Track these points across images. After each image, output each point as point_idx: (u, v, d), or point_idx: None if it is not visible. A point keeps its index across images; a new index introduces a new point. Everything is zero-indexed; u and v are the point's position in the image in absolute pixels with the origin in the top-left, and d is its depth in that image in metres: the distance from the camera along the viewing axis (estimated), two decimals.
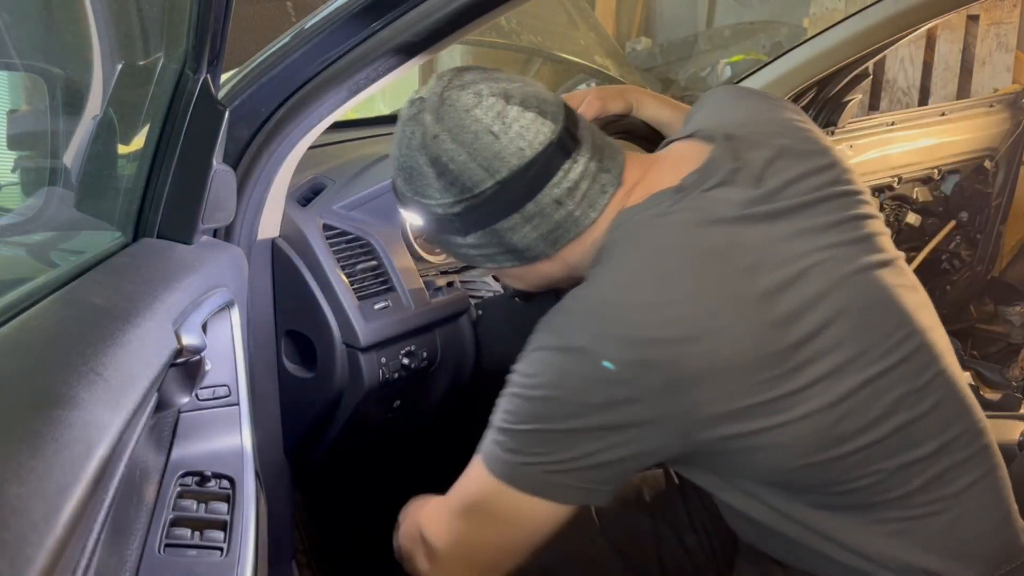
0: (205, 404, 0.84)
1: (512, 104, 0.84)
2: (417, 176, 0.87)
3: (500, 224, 0.86)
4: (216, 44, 0.82)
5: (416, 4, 0.94)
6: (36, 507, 0.40)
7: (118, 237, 0.86)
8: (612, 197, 0.87)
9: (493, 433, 0.86)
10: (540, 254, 0.89)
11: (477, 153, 0.83)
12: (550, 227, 0.87)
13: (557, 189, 0.85)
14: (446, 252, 0.97)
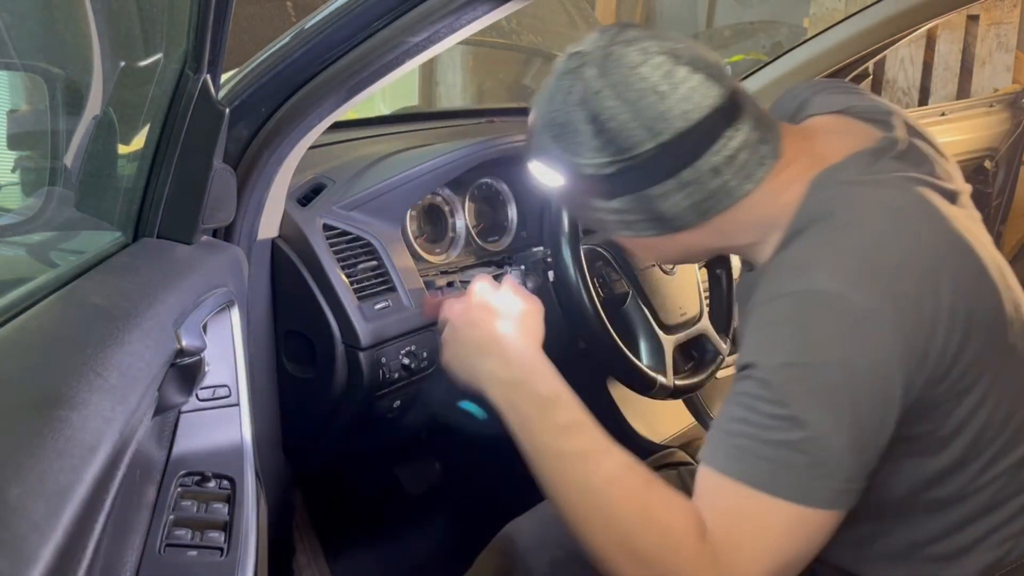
0: (205, 404, 0.84)
1: (680, 64, 0.80)
2: (569, 133, 0.83)
3: (652, 190, 0.82)
4: (216, 44, 0.82)
5: (416, 4, 0.94)
6: (37, 507, 0.40)
7: (118, 237, 0.86)
8: (769, 170, 0.83)
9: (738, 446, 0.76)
10: (686, 224, 0.85)
11: (641, 112, 0.79)
12: (703, 196, 0.82)
13: (716, 157, 0.81)
14: (577, 215, 0.92)
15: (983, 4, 3.06)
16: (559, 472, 0.82)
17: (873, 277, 0.76)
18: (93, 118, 0.95)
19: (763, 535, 0.75)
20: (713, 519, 0.76)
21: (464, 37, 0.99)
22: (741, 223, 0.86)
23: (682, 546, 0.75)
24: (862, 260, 0.77)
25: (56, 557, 0.39)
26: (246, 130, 1.05)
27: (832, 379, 0.74)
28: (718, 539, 0.75)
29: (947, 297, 0.77)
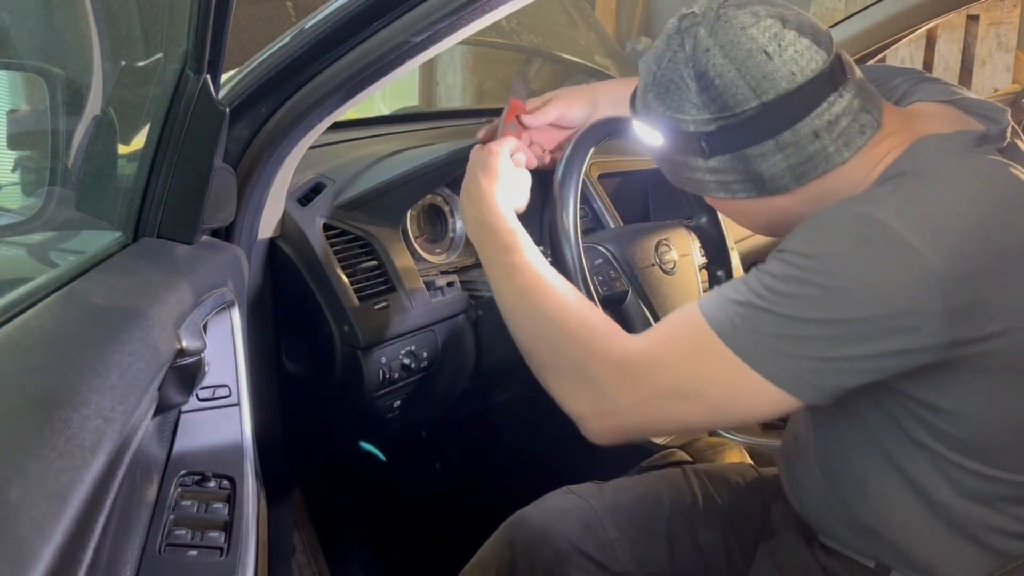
0: (205, 404, 0.84)
1: (789, 28, 0.82)
2: (676, 90, 0.86)
3: (752, 149, 0.84)
4: (216, 44, 0.82)
5: (416, 4, 0.94)
6: (37, 508, 0.40)
7: (118, 237, 0.86)
8: (869, 140, 0.84)
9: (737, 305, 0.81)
10: (782, 187, 0.86)
11: (747, 71, 0.82)
12: (801, 159, 0.84)
13: (818, 120, 0.82)
14: (675, 176, 0.94)
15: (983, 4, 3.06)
16: (509, 301, 0.97)
17: (937, 232, 0.76)
18: (93, 118, 0.95)
19: (694, 370, 0.82)
20: (659, 335, 0.87)
21: (464, 37, 0.99)
22: (835, 190, 0.86)
23: (603, 349, 0.88)
24: (933, 214, 0.77)
25: (56, 557, 0.39)
26: (246, 130, 1.05)
27: (842, 290, 0.76)
28: (649, 350, 0.86)
29: (1013, 285, 0.77)
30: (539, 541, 1.07)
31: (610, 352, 0.88)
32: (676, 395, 0.84)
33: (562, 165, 1.17)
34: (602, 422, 0.89)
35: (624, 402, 0.87)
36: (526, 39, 2.88)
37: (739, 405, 0.82)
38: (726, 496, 1.13)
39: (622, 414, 0.88)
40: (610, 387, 0.87)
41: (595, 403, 0.89)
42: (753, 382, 0.79)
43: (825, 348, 0.77)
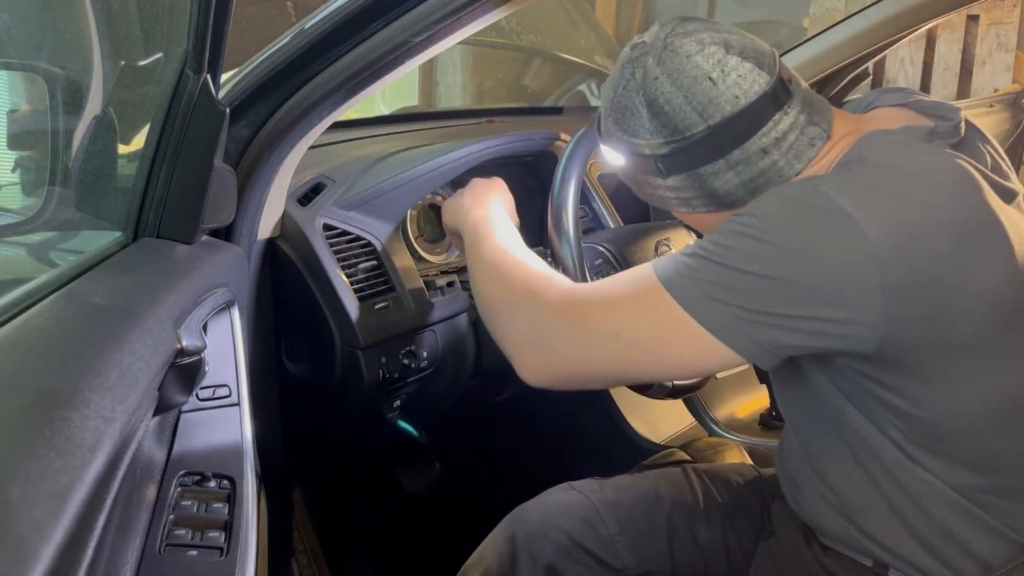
0: (205, 404, 0.84)
1: (732, 54, 0.87)
2: (629, 116, 0.91)
3: (704, 168, 0.89)
4: (216, 44, 0.82)
5: (416, 4, 0.94)
6: (37, 507, 0.41)
7: (118, 237, 0.86)
8: (819, 151, 0.88)
9: (683, 257, 0.85)
10: (738, 201, 0.90)
11: (693, 97, 0.86)
12: (753, 175, 0.88)
13: (765, 139, 0.87)
14: (641, 193, 0.99)
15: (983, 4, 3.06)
16: (474, 266, 1.05)
17: (874, 206, 0.79)
18: (93, 118, 0.95)
19: (631, 311, 0.86)
20: (605, 281, 0.91)
21: (464, 37, 0.99)
22: None
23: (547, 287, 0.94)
24: (872, 191, 0.80)
25: (57, 557, 0.39)
26: (246, 130, 1.05)
27: (779, 247, 0.79)
28: (591, 288, 0.91)
29: (948, 265, 0.79)
30: (539, 536, 1.08)
31: (553, 288, 0.94)
32: (610, 334, 0.86)
33: (562, 166, 1.17)
34: (536, 356, 0.92)
35: (559, 336, 0.90)
36: (526, 39, 2.88)
37: (674, 351, 0.84)
38: (726, 495, 1.13)
39: (556, 349, 0.90)
40: (548, 319, 0.91)
41: (532, 334, 0.92)
42: (688, 327, 0.82)
43: (759, 301, 0.79)
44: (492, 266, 1.02)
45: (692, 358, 0.84)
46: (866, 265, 0.77)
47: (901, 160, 0.83)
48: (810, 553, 0.97)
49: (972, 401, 0.83)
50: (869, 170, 0.82)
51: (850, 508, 0.92)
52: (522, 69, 2.94)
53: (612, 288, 0.90)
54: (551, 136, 1.42)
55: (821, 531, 0.97)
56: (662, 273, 0.84)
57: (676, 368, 0.89)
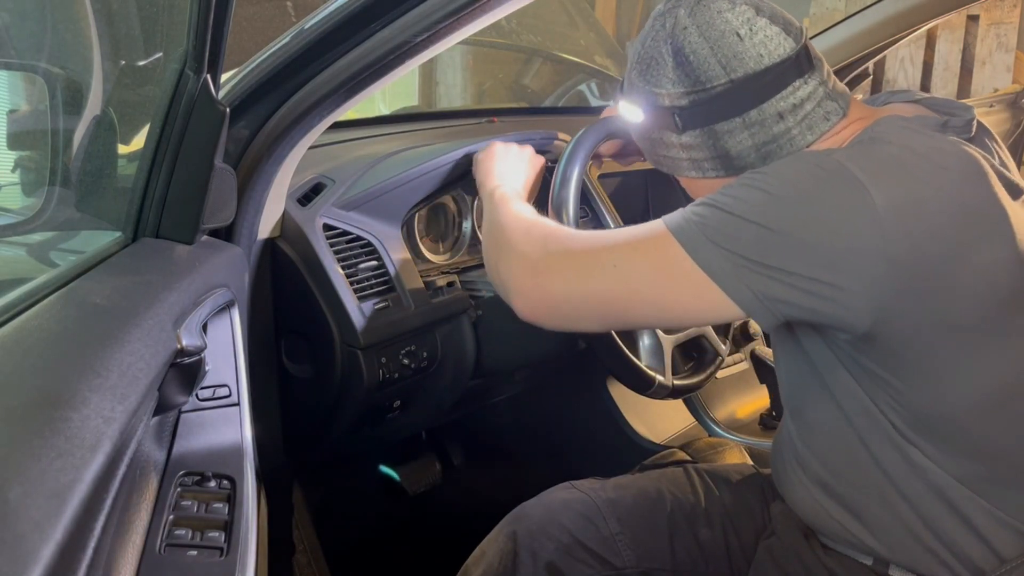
0: (205, 404, 0.84)
1: (761, 16, 0.89)
2: (654, 66, 0.93)
3: (720, 125, 0.90)
4: (216, 44, 0.82)
5: (416, 4, 0.94)
6: (37, 507, 0.41)
7: (118, 237, 0.86)
8: (833, 126, 0.90)
9: (692, 207, 0.86)
10: (748, 165, 0.91)
11: (719, 50, 0.89)
12: (766, 139, 0.90)
13: (783, 103, 0.89)
14: (653, 154, 1.00)
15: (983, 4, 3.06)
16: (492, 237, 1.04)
17: (884, 176, 0.79)
18: (93, 118, 0.95)
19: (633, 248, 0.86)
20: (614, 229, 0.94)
21: (464, 37, 0.99)
22: None
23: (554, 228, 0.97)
24: (884, 163, 0.81)
25: (56, 556, 0.39)
26: (246, 130, 1.05)
27: (785, 201, 0.80)
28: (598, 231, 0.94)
29: (951, 245, 0.79)
30: (541, 534, 1.08)
31: (559, 228, 0.97)
32: (609, 264, 0.86)
33: (562, 165, 1.17)
34: (533, 282, 0.92)
35: (558, 262, 0.90)
36: (526, 39, 2.87)
37: (670, 292, 0.84)
38: (727, 495, 1.13)
39: (553, 275, 0.90)
40: (550, 250, 0.92)
41: (531, 263, 0.93)
42: (688, 269, 0.82)
43: (760, 251, 0.79)
44: (506, 209, 1.04)
45: (688, 302, 0.84)
46: (870, 233, 0.77)
47: (914, 142, 0.84)
48: (811, 553, 0.98)
49: (968, 386, 0.83)
50: (883, 147, 0.83)
51: (848, 502, 0.92)
52: (522, 69, 2.94)
53: (618, 231, 0.91)
54: (551, 136, 1.42)
55: (820, 530, 0.97)
56: (668, 219, 0.86)
57: (671, 311, 0.87)
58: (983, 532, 0.86)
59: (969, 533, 0.86)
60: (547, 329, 0.97)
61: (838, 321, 0.81)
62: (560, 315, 0.92)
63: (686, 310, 0.86)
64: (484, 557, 1.11)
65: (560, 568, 1.06)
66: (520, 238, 0.97)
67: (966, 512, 0.86)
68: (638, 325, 1.10)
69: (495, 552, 1.10)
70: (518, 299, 0.93)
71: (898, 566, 0.90)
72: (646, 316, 0.91)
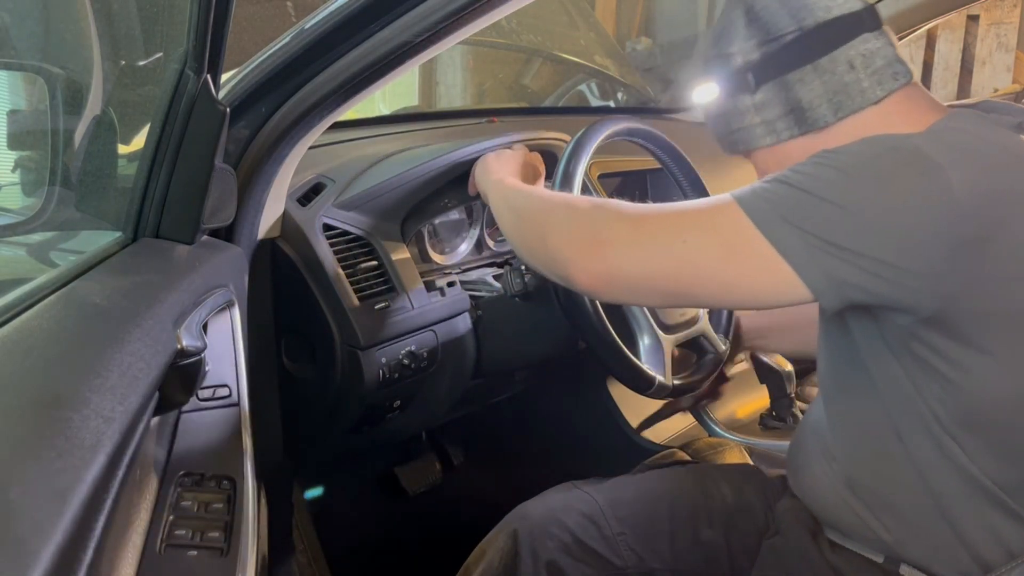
0: (205, 404, 0.84)
1: None
2: (727, 32, 0.97)
3: (792, 75, 0.92)
4: (216, 44, 0.82)
5: (416, 4, 0.94)
6: (38, 507, 0.41)
7: (118, 237, 0.86)
8: (901, 87, 0.91)
9: (762, 183, 0.85)
10: (820, 118, 0.92)
11: (788, 2, 0.92)
12: (837, 87, 0.91)
13: (853, 51, 0.90)
14: (726, 130, 1.00)
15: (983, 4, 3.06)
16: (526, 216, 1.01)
17: (962, 160, 0.79)
18: (93, 118, 0.95)
19: (701, 220, 0.85)
20: None
21: (464, 37, 0.99)
22: None
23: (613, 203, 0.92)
24: (961, 148, 0.81)
25: (57, 557, 0.39)
26: (246, 130, 1.05)
27: (859, 180, 0.80)
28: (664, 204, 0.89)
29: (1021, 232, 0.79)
30: (541, 533, 1.08)
31: (605, 200, 0.94)
32: (677, 238, 0.84)
33: (562, 165, 1.17)
34: (593, 253, 0.87)
35: (622, 233, 0.87)
36: (526, 39, 2.87)
37: (738, 267, 0.82)
38: (728, 495, 1.13)
39: (616, 246, 0.87)
40: (611, 219, 0.88)
41: (591, 232, 0.89)
42: (757, 244, 0.80)
43: (831, 231, 0.79)
44: (528, 190, 1.04)
45: (756, 281, 0.82)
46: (945, 216, 0.77)
47: (988, 132, 0.85)
48: (817, 551, 0.97)
49: (1020, 379, 0.83)
50: (960, 135, 0.83)
51: (871, 496, 0.92)
52: (522, 69, 2.94)
53: (684, 203, 0.89)
54: (551, 136, 1.42)
55: (831, 524, 0.97)
56: (738, 195, 0.84)
57: (737, 289, 0.85)
58: (1003, 533, 0.86)
59: (989, 533, 0.86)
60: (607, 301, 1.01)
61: (903, 304, 0.81)
62: (622, 289, 0.89)
63: (753, 289, 0.84)
64: (484, 556, 1.11)
65: (561, 567, 1.06)
66: (565, 207, 0.94)
67: (991, 512, 0.86)
68: (701, 303, 1.05)
69: (496, 551, 1.10)
70: (578, 271, 0.88)
71: (909, 564, 0.90)
72: (711, 294, 0.88)
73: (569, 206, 0.94)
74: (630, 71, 3.13)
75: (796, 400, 1.41)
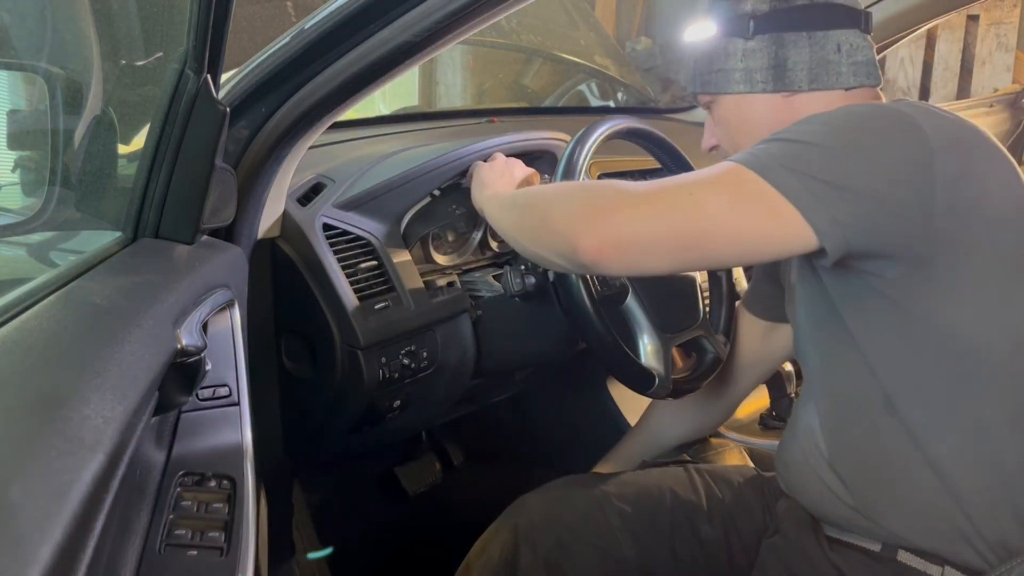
0: (205, 404, 0.84)
1: None
2: None
3: (789, 35, 1.01)
4: (216, 44, 0.82)
5: (416, 4, 0.94)
6: (37, 507, 0.41)
7: (118, 237, 0.86)
8: (865, 88, 1.02)
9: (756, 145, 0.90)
10: (795, 82, 1.01)
11: None
12: (820, 61, 1.00)
13: (844, 38, 1.00)
14: (706, 70, 1.07)
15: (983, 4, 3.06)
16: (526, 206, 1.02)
17: (932, 118, 0.87)
18: (93, 118, 0.95)
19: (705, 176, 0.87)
20: None
21: (464, 37, 0.99)
22: None
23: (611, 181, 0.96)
24: (930, 110, 0.90)
25: (56, 557, 0.39)
26: (246, 130, 1.05)
27: (847, 129, 0.87)
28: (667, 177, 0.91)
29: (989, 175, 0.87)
30: (541, 526, 1.08)
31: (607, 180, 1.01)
32: (685, 193, 0.86)
33: (562, 165, 1.17)
34: (598, 221, 0.85)
35: (628, 197, 0.87)
36: (526, 39, 2.87)
37: (746, 216, 0.84)
38: (728, 494, 1.13)
39: (622, 210, 0.85)
40: (613, 193, 0.88)
41: (596, 202, 0.88)
42: (763, 192, 0.83)
43: (828, 171, 0.83)
44: (536, 188, 1.09)
45: (766, 227, 0.84)
46: (923, 152, 0.83)
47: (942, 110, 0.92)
48: (817, 548, 0.97)
49: (1002, 325, 0.86)
50: (920, 105, 0.92)
51: (863, 482, 0.92)
52: (522, 69, 2.94)
53: (680, 175, 0.91)
54: (551, 136, 1.42)
55: (827, 518, 0.97)
56: (735, 156, 0.88)
57: (748, 239, 0.85)
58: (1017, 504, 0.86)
59: (1000, 505, 0.86)
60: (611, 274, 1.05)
61: (898, 239, 0.84)
62: (631, 253, 0.86)
63: (763, 238, 0.85)
64: (485, 551, 1.12)
65: (560, 561, 1.06)
66: (566, 190, 0.99)
67: (1000, 477, 0.86)
68: (711, 260, 1.02)
69: (496, 545, 1.11)
70: (582, 239, 0.85)
71: (907, 550, 0.90)
72: (722, 249, 0.87)
73: (568, 187, 1.00)
74: (630, 71, 3.13)
75: (796, 400, 1.41)
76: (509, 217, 1.04)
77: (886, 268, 0.85)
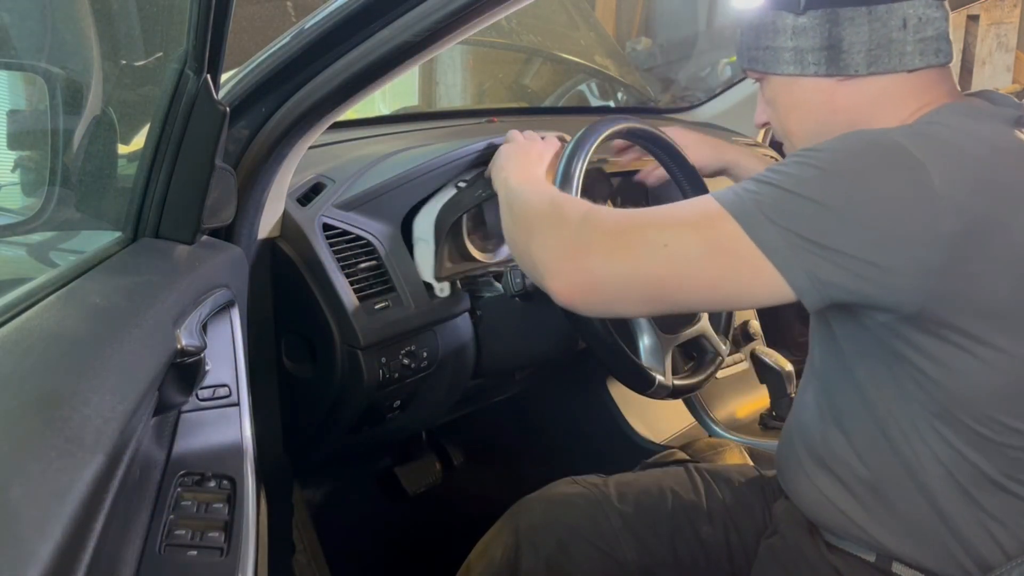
0: (205, 404, 0.84)
1: None
2: None
3: (845, 10, 0.88)
4: (216, 44, 0.82)
5: (416, 4, 0.94)
6: (37, 507, 0.41)
7: (118, 237, 0.86)
8: (936, 65, 0.90)
9: (744, 184, 0.84)
10: (851, 66, 0.90)
11: None
12: (881, 41, 0.88)
13: (912, 10, 0.87)
14: (753, 44, 0.96)
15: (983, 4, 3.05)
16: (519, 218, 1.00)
17: (943, 156, 0.78)
18: (93, 118, 0.95)
19: (682, 220, 0.84)
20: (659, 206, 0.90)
21: (464, 37, 0.99)
22: (882, 110, 0.90)
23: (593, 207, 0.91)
24: (943, 145, 0.80)
25: (56, 557, 0.39)
26: (246, 130, 1.05)
27: (840, 178, 0.79)
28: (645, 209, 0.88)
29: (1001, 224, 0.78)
30: (543, 527, 1.08)
31: (600, 208, 0.91)
32: (659, 244, 0.83)
33: (562, 165, 1.17)
34: (572, 263, 0.85)
35: (603, 242, 0.85)
36: (526, 39, 2.87)
37: (722, 270, 0.81)
38: (728, 494, 1.13)
39: (597, 255, 0.85)
40: (593, 227, 0.86)
41: (572, 241, 0.86)
42: (741, 245, 0.79)
43: (814, 230, 0.78)
44: (530, 188, 1.02)
45: (741, 282, 0.81)
46: (926, 210, 0.76)
47: (973, 126, 0.83)
48: (815, 550, 0.97)
49: (997, 373, 0.82)
50: (942, 130, 0.82)
51: (859, 493, 0.92)
52: (522, 69, 2.94)
53: (666, 208, 0.87)
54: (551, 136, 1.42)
55: (824, 524, 0.97)
56: (720, 196, 0.83)
57: (721, 291, 0.83)
58: (996, 528, 0.86)
59: (979, 528, 0.86)
60: (585, 315, 0.98)
61: (886, 303, 0.80)
62: (602, 298, 0.86)
63: (738, 291, 0.83)
64: (487, 552, 1.12)
65: (561, 562, 1.06)
66: (553, 215, 0.92)
67: (980, 506, 0.85)
68: (683, 306, 1.00)
69: (498, 546, 1.11)
70: (555, 281, 0.86)
71: (901, 562, 0.90)
72: (694, 298, 0.87)
73: (557, 215, 0.92)
74: (630, 71, 3.13)
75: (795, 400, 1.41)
76: (506, 218, 1.04)
77: (874, 314, 0.83)
